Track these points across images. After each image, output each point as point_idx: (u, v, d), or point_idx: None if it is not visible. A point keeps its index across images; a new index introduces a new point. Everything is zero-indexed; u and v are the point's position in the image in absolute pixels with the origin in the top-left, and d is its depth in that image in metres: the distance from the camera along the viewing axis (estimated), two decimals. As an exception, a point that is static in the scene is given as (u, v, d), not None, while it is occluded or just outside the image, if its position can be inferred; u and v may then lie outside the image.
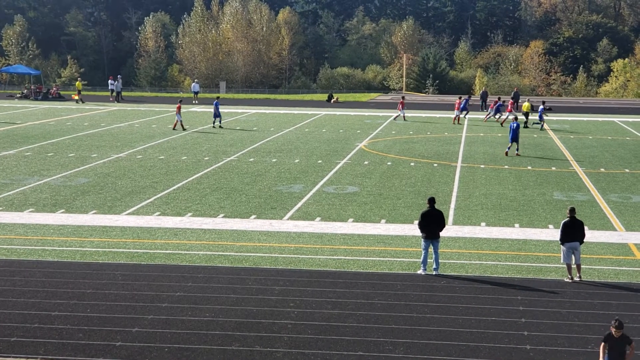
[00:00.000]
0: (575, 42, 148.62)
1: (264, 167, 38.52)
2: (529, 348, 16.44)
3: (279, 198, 31.31)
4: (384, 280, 20.91)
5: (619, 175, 37.58)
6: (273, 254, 23.39)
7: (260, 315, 18.19)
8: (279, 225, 26.85)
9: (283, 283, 20.52)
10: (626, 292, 20.08)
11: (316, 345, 16.53)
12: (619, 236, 25.89)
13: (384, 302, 19.16)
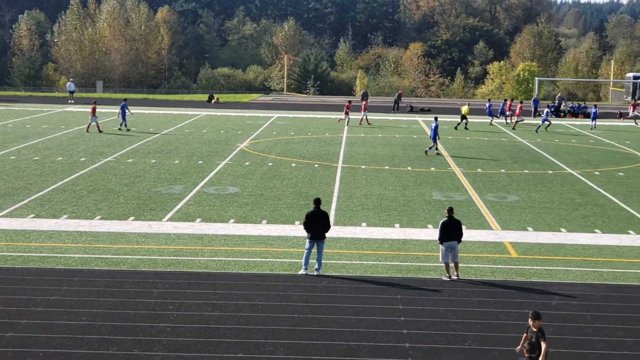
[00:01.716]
0: (452, 45, 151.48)
1: (143, 168, 37.95)
2: (408, 346, 16.57)
3: (159, 199, 30.87)
4: (265, 281, 20.80)
5: (495, 175, 38.37)
6: (152, 256, 23.02)
7: (138, 318, 17.85)
8: (158, 227, 26.46)
9: (162, 286, 20.20)
10: (502, 290, 20.45)
11: (195, 348, 16.31)
12: (495, 235, 26.39)
13: (265, 303, 19.05)
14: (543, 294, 20.16)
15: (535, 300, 19.59)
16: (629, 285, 21.19)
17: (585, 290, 20.54)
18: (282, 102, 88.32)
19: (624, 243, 25.65)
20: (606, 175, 39.18)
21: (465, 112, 60.72)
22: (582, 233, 26.86)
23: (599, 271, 22.37)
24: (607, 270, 22.52)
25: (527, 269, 22.50)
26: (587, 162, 43.46)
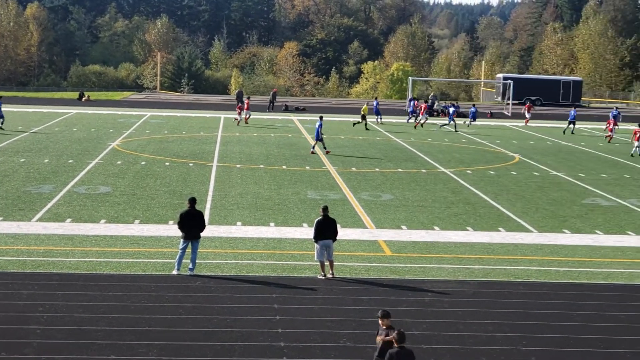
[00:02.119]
0: (327, 44, 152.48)
1: (12, 167, 36.89)
2: (283, 345, 16.51)
3: (28, 199, 30.04)
4: (137, 282, 20.44)
5: (370, 174, 38.72)
6: (20, 257, 22.36)
7: (6, 321, 17.29)
8: (27, 228, 25.72)
9: (31, 287, 19.62)
10: (376, 288, 20.61)
11: (67, 349, 15.89)
12: (369, 233, 26.60)
13: (138, 304, 18.71)
14: (416, 291, 20.40)
15: (409, 298, 19.81)
16: (498, 281, 21.63)
17: (457, 287, 20.87)
18: (156, 100, 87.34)
19: (495, 240, 26.19)
20: (478, 174, 40.00)
21: (365, 111, 61.15)
22: (454, 231, 27.32)
23: (470, 268, 22.78)
24: (478, 267, 22.94)
25: (401, 266, 22.74)
26: (459, 161, 44.29)
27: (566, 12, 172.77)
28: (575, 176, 40.09)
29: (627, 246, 25.92)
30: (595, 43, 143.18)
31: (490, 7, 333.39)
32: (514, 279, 21.84)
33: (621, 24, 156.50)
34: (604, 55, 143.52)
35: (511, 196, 34.07)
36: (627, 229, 28.44)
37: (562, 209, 31.68)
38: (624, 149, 52.74)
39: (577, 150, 51.72)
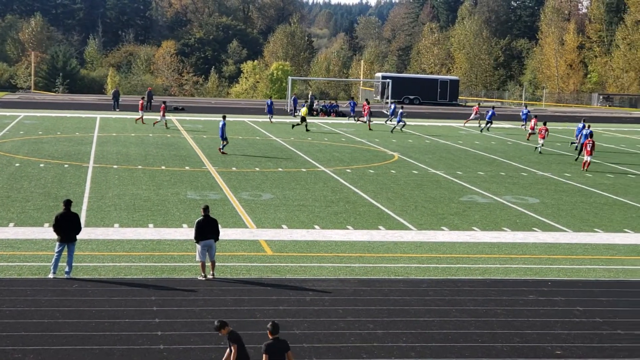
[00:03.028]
0: (206, 43, 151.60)
1: None
2: (162, 347, 16.27)
3: None
4: (12, 286, 19.85)
5: (250, 173, 38.58)
6: None
7: None
8: None
9: None
10: (257, 287, 20.51)
11: (-64, 360, 15.29)
12: (250, 233, 26.48)
13: (13, 309, 18.16)
14: (297, 290, 20.38)
15: (290, 297, 19.78)
16: (379, 279, 21.79)
17: (338, 285, 20.94)
18: (30, 100, 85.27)
19: (374, 238, 26.40)
20: (357, 172, 40.30)
21: (304, 113, 60.95)
22: (335, 230, 27.42)
23: (351, 266, 22.89)
24: (358, 265, 23.08)
25: (282, 266, 22.70)
26: (339, 160, 44.54)
27: (442, 12, 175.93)
28: (453, 174, 40.79)
29: (502, 242, 26.47)
30: (470, 43, 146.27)
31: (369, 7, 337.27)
32: (394, 277, 22.04)
33: (495, 25, 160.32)
34: (479, 55, 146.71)
35: (391, 194, 34.43)
36: (502, 225, 29.05)
37: (441, 206, 32.17)
38: (500, 147, 53.97)
39: (455, 148, 52.64)
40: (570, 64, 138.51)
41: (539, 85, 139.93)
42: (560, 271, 23.13)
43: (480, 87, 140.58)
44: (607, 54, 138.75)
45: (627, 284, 22.05)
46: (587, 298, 20.50)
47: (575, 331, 17.96)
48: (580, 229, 28.86)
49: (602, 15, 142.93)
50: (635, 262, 24.46)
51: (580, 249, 25.90)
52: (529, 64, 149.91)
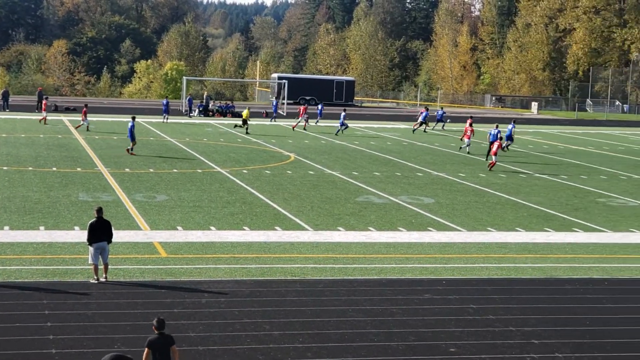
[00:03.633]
0: (98, 43, 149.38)
1: None
2: (54, 352, 15.87)
3: None
4: None
5: (144, 175, 38.08)
6: None
7: None
8: None
9: None
10: (152, 290, 20.21)
11: None
12: (144, 235, 26.09)
13: None
14: (193, 292, 20.15)
15: (185, 299, 19.54)
16: (275, 279, 21.70)
17: (234, 287, 20.78)
18: None
19: (271, 239, 26.30)
20: (254, 173, 40.16)
21: (245, 116, 60.22)
22: (231, 230, 27.23)
23: (247, 267, 22.74)
24: (255, 266, 22.94)
25: (177, 268, 22.41)
26: (235, 161, 44.32)
27: (338, 13, 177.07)
28: (349, 174, 40.97)
29: (398, 242, 26.67)
30: (366, 44, 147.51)
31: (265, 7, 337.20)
32: (290, 277, 21.98)
33: (391, 26, 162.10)
34: (375, 56, 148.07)
35: (287, 195, 34.40)
36: (398, 225, 29.28)
37: (337, 207, 32.26)
38: (395, 148, 54.49)
39: (351, 149, 52.92)
40: (463, 66, 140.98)
41: (433, 86, 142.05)
42: (454, 270, 23.42)
43: (376, 87, 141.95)
44: (499, 55, 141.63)
45: (519, 281, 22.44)
46: (480, 296, 20.79)
47: (469, 328, 18.18)
48: (474, 228, 29.28)
49: (494, 18, 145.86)
50: (526, 260, 24.93)
51: (474, 248, 26.27)
52: (424, 65, 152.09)
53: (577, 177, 43.51)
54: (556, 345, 17.26)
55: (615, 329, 18.46)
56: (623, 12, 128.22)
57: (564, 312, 19.67)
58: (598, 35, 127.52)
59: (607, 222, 31.02)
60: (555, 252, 26.03)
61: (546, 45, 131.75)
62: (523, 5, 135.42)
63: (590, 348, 17.14)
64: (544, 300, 20.66)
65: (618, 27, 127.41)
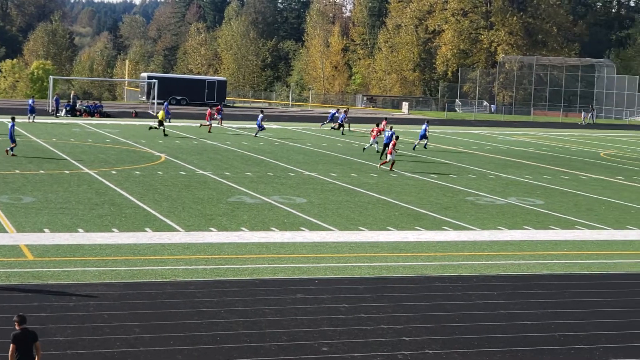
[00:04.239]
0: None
1: None
2: None
3: None
4: None
5: (10, 176, 37.03)
6: None
7: None
8: None
9: None
10: (18, 294, 19.62)
11: None
12: (10, 238, 25.33)
13: None
14: (61, 296, 19.65)
15: (53, 303, 19.03)
16: (146, 282, 21.34)
17: (103, 290, 20.36)
18: None
19: (141, 241, 25.89)
20: (123, 174, 39.51)
21: (161, 117, 58.62)
22: (99, 232, 26.69)
23: (116, 270, 22.31)
24: (124, 268, 22.53)
25: (44, 271, 21.82)
26: (104, 162, 43.54)
27: (209, 12, 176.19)
28: (221, 175, 40.73)
29: (271, 242, 26.61)
30: (237, 44, 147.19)
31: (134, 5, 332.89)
32: (161, 279, 21.67)
33: (262, 26, 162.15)
34: (247, 56, 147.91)
35: (158, 196, 33.95)
36: (271, 225, 29.23)
37: (209, 207, 32.01)
38: (267, 148, 54.50)
39: (223, 149, 52.66)
40: (335, 66, 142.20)
41: (305, 86, 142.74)
42: (327, 269, 23.50)
43: (248, 88, 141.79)
44: (370, 56, 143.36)
45: (390, 280, 22.67)
46: (353, 295, 20.91)
47: (341, 327, 18.25)
48: (346, 227, 29.46)
49: (365, 19, 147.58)
50: (397, 258, 25.21)
51: (346, 247, 26.42)
52: (296, 66, 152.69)
53: (447, 176, 44.33)
54: (426, 341, 17.49)
55: (483, 325, 18.82)
56: (489, 14, 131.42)
57: (434, 309, 19.96)
58: (466, 37, 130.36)
59: (475, 221, 31.67)
60: (425, 250, 26.41)
61: (416, 46, 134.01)
62: (393, 7, 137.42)
63: (459, 344, 17.43)
64: (414, 298, 20.93)
65: (485, 29, 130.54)
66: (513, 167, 50.13)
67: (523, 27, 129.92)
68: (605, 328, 18.82)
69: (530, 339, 17.94)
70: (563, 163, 53.98)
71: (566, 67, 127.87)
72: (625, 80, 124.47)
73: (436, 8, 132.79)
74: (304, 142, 59.59)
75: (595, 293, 22.14)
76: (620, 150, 66.91)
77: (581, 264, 25.34)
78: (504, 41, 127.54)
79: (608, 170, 50.77)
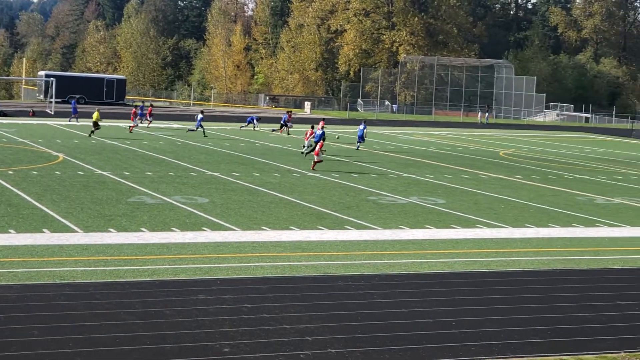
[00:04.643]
0: None
1: None
2: None
3: None
4: None
5: None
6: None
7: None
8: None
9: None
10: None
11: None
12: None
13: None
14: (-46, 300, 19.09)
15: (-55, 308, 18.48)
16: (43, 284, 20.87)
17: (0, 292, 19.83)
18: None
19: (39, 242, 25.33)
20: (20, 174, 38.64)
21: (95, 118, 56.82)
22: (-5, 233, 26.05)
23: (13, 272, 21.77)
24: (22, 270, 22.00)
25: (-64, 274, 21.18)
26: (0, 161, 42.53)
27: (108, 10, 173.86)
28: (120, 175, 40.16)
29: (172, 242, 26.31)
30: (137, 42, 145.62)
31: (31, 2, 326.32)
32: (59, 281, 21.21)
33: (163, 24, 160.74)
34: (147, 55, 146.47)
35: (56, 196, 33.29)
36: (172, 225, 28.91)
37: (108, 207, 31.51)
38: (169, 147, 54.02)
39: (122, 148, 51.98)
40: (237, 65, 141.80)
41: (207, 85, 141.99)
42: (229, 269, 23.33)
43: (148, 86, 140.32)
44: (272, 55, 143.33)
45: (293, 279, 22.62)
46: (255, 295, 20.79)
47: (244, 328, 18.13)
48: (248, 227, 29.33)
49: (268, 18, 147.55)
50: (300, 258, 25.19)
51: (249, 247, 26.29)
52: (198, 65, 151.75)
53: (349, 175, 44.54)
54: (329, 341, 17.49)
55: (385, 323, 18.91)
56: (391, 15, 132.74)
57: (336, 309, 19.98)
58: (368, 37, 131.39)
59: (377, 220, 31.86)
60: (328, 249, 26.45)
61: (318, 45, 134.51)
62: (296, 6, 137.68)
63: (361, 342, 17.47)
64: (317, 297, 20.92)
65: (387, 29, 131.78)
66: (414, 167, 50.67)
67: (424, 27, 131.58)
68: (504, 324, 19.11)
69: (431, 336, 18.09)
70: (464, 162, 54.80)
71: (466, 68, 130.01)
72: (523, 80, 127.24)
73: (338, 8, 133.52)
74: (205, 142, 59.21)
75: (495, 290, 22.46)
76: (519, 150, 68.29)
77: (481, 262, 25.71)
78: (405, 41, 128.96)
79: (507, 170, 51.72)
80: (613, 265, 26.27)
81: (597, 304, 21.24)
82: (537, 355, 17.06)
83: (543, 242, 29.37)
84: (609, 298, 21.98)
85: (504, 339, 18.05)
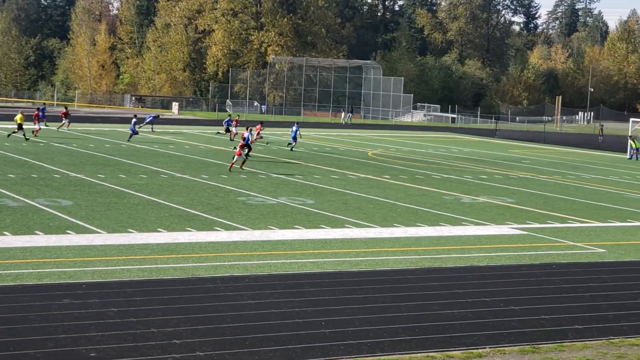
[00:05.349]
0: None
1: None
2: None
3: None
4: None
5: None
6: None
7: None
8: None
9: None
10: None
11: None
12: None
13: None
14: None
15: None
16: None
17: None
18: None
19: None
20: None
21: (19, 120, 53.77)
22: None
23: None
24: None
25: None
26: None
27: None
28: (-20, 176, 38.91)
29: (35, 246, 25.59)
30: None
31: None
32: None
33: (25, 23, 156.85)
34: (9, 54, 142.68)
35: None
36: (35, 228, 28.14)
37: (-32, 210, 30.45)
38: (31, 149, 52.68)
39: (-17, 149, 50.39)
40: (102, 65, 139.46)
41: (71, 85, 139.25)
42: (94, 273, 22.81)
43: (10, 87, 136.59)
44: (138, 55, 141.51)
45: (161, 282, 22.28)
46: (122, 298, 20.38)
47: (110, 332, 17.73)
48: (115, 229, 28.77)
49: (133, 17, 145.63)
50: (168, 260, 24.84)
51: (115, 250, 25.79)
52: (61, 64, 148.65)
53: (218, 176, 44.25)
54: (197, 343, 17.26)
55: (254, 325, 18.79)
56: (260, 15, 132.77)
57: (205, 311, 19.75)
58: (236, 37, 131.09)
59: (247, 221, 31.72)
60: (197, 251, 26.18)
61: (186, 45, 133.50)
62: (162, 6, 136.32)
63: (230, 344, 17.31)
64: (185, 300, 20.65)
65: (255, 30, 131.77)
66: (284, 167, 50.73)
67: (293, 28, 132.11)
68: (373, 323, 19.24)
69: (301, 336, 18.07)
70: (332, 162, 55.17)
71: (335, 69, 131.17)
72: (391, 81, 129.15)
73: (206, 8, 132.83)
74: (69, 143, 57.96)
75: (364, 289, 22.60)
76: (387, 150, 69.20)
77: (350, 261, 25.86)
78: (274, 42, 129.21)
79: (375, 170, 52.29)
80: (479, 262, 26.81)
81: (463, 301, 21.62)
82: (405, 353, 17.23)
83: (411, 241, 29.77)
84: (475, 295, 22.41)
85: (373, 338, 18.17)
